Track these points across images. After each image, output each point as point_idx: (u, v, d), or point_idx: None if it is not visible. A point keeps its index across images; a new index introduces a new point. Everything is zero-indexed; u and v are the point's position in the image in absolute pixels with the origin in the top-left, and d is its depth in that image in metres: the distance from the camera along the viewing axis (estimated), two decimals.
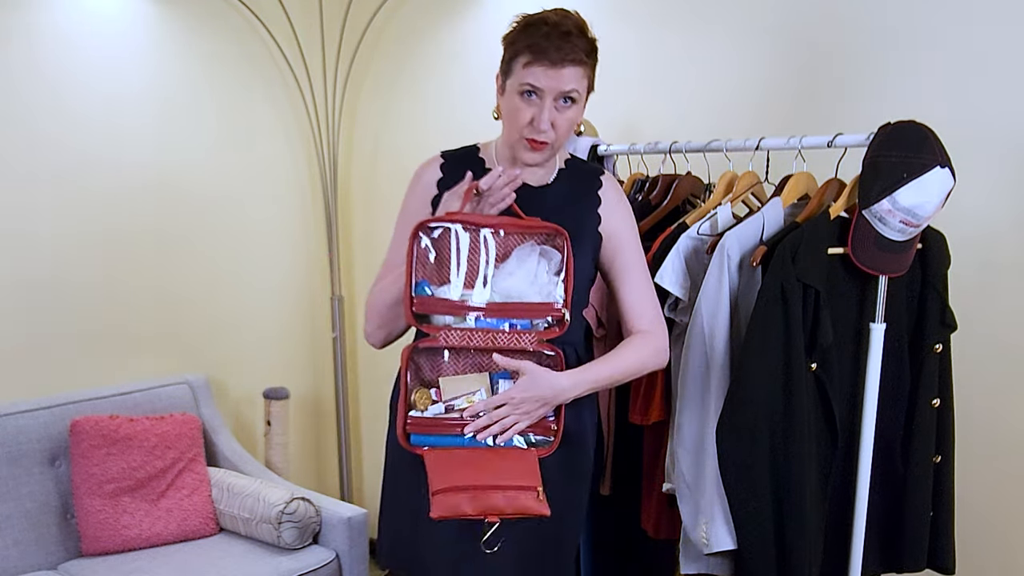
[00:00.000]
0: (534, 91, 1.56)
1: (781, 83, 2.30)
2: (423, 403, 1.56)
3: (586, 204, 1.70)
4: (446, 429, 1.54)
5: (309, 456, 3.57)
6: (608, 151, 2.27)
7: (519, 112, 1.58)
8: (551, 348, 1.55)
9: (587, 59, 1.58)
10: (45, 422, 2.61)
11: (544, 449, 1.56)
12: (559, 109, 1.58)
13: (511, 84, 1.59)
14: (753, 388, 1.74)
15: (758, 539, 1.76)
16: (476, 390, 1.54)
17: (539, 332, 1.55)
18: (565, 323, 1.55)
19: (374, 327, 1.69)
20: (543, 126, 1.56)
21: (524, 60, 1.55)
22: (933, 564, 1.92)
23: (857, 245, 1.73)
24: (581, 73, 1.57)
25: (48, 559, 2.54)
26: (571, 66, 1.55)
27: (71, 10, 2.78)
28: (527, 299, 1.54)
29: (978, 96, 1.99)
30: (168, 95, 3.03)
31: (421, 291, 1.55)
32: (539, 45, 1.53)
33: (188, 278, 3.13)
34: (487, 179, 1.56)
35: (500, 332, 1.54)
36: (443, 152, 1.74)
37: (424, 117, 3.24)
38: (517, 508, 1.50)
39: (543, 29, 1.54)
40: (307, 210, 3.46)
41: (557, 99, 1.57)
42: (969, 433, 2.02)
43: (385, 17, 3.30)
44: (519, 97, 1.57)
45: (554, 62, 1.53)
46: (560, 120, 1.58)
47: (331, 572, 2.62)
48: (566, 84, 1.55)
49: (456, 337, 1.54)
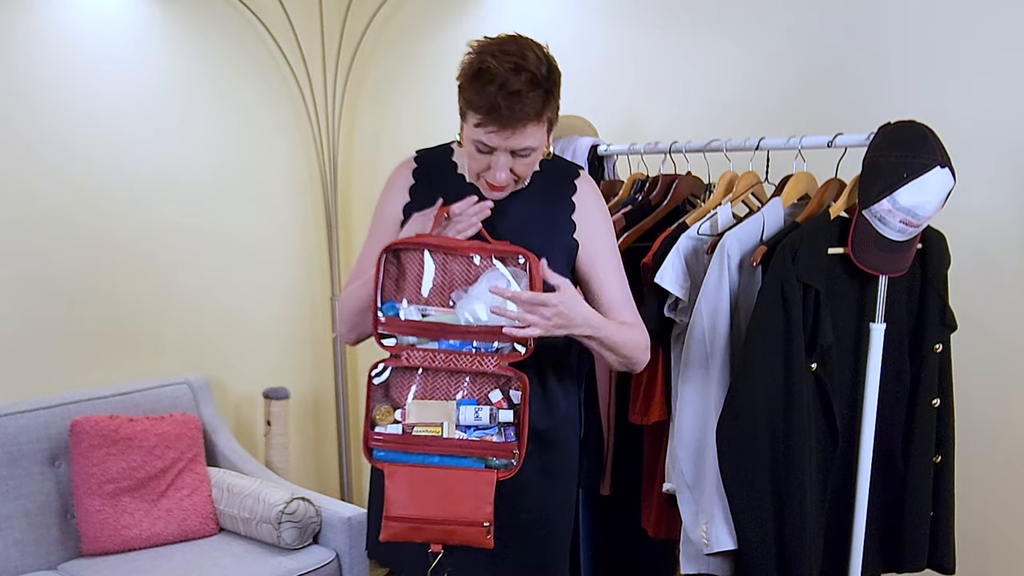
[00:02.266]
0: (488, 148, 1.54)
1: (781, 83, 2.30)
2: (384, 420, 1.57)
3: (560, 211, 1.68)
4: (409, 447, 1.55)
5: (309, 456, 3.57)
6: (608, 151, 2.27)
7: (474, 160, 1.57)
8: (513, 372, 1.55)
9: (542, 111, 1.52)
10: (45, 422, 2.61)
11: (506, 471, 1.55)
12: (516, 158, 1.55)
13: (466, 131, 1.56)
14: (753, 388, 1.74)
15: (758, 539, 1.76)
16: (440, 422, 1.56)
17: (502, 356, 1.55)
18: (530, 348, 1.54)
19: (346, 329, 1.72)
20: (500, 178, 1.55)
21: (474, 120, 1.51)
22: (933, 564, 1.92)
23: (857, 245, 1.73)
24: (535, 128, 1.52)
25: (48, 559, 2.54)
26: (522, 127, 1.50)
27: (71, 10, 2.79)
28: (493, 322, 1.53)
29: (978, 96, 1.99)
30: (168, 95, 3.03)
31: (388, 311, 1.56)
32: (488, 107, 1.47)
33: (188, 278, 3.13)
34: (458, 206, 1.57)
35: (463, 354, 1.55)
36: (417, 151, 1.75)
37: (424, 117, 3.24)
38: (461, 541, 1.54)
39: (490, 89, 1.46)
40: (307, 210, 3.46)
41: (513, 153, 1.54)
42: (969, 433, 2.02)
43: (385, 17, 3.30)
44: (473, 146, 1.55)
45: (504, 126, 1.49)
46: (519, 166, 1.57)
47: (331, 572, 2.62)
48: (519, 143, 1.52)
49: (419, 358, 1.55)
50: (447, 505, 1.53)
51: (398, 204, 1.70)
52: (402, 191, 1.71)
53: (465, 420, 1.56)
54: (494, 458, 1.55)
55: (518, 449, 1.55)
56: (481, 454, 1.54)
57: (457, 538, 1.54)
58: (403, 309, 1.57)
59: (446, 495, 1.53)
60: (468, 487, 1.54)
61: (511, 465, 1.55)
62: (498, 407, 1.56)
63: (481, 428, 1.56)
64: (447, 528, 1.53)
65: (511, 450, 1.55)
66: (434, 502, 1.53)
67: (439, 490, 1.54)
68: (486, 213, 1.58)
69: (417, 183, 1.70)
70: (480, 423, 1.55)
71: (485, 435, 1.56)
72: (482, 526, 1.53)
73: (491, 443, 1.55)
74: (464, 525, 1.53)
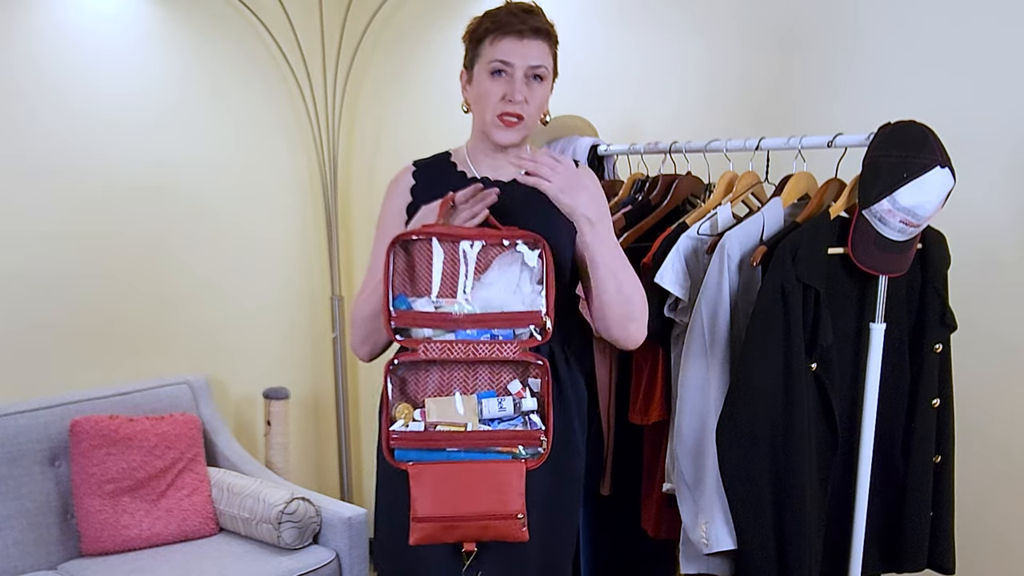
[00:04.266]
0: (503, 67, 1.59)
1: (781, 83, 2.30)
2: (405, 418, 1.54)
3: None
4: (431, 443, 1.52)
5: (309, 456, 3.57)
6: (608, 151, 2.27)
7: (490, 91, 1.60)
8: (536, 356, 1.54)
9: (551, 35, 1.62)
10: (45, 422, 2.61)
11: (534, 460, 1.53)
12: (530, 86, 1.60)
13: (479, 68, 1.62)
14: (753, 388, 1.74)
15: (758, 539, 1.76)
16: (465, 423, 1.52)
17: (521, 341, 1.53)
18: (548, 332, 1.53)
19: (359, 341, 1.71)
20: (517, 96, 1.58)
21: (491, 37, 1.59)
22: (933, 564, 1.92)
23: (857, 245, 1.73)
24: (546, 50, 1.61)
25: (48, 559, 2.54)
26: (537, 38, 1.58)
27: (71, 10, 2.78)
28: (509, 308, 1.52)
29: (978, 96, 1.99)
30: (168, 95, 3.03)
31: (399, 305, 1.54)
32: (504, 19, 1.58)
33: (188, 278, 3.13)
34: (463, 193, 1.57)
35: (481, 343, 1.52)
36: (414, 161, 1.76)
37: (424, 117, 3.24)
38: (495, 536, 1.52)
39: (501, 11, 1.60)
40: (307, 210, 3.46)
41: (528, 75, 1.59)
42: (969, 433, 2.02)
43: (385, 17, 3.30)
44: (489, 77, 1.60)
45: (521, 33, 1.57)
46: (532, 96, 1.60)
47: (331, 572, 2.62)
48: (534, 58, 1.58)
49: (436, 350, 1.52)
50: (478, 500, 1.50)
51: (400, 205, 1.70)
52: (403, 193, 1.71)
53: (489, 413, 1.53)
54: (521, 447, 1.53)
55: (545, 436, 1.53)
56: (508, 444, 1.52)
57: (491, 533, 1.51)
58: (416, 302, 1.54)
59: (476, 489, 1.50)
60: (499, 479, 1.51)
61: (539, 454, 1.53)
62: (518, 396, 1.54)
63: (506, 420, 1.53)
64: (481, 524, 1.50)
65: (538, 437, 1.53)
66: (465, 498, 1.50)
67: (468, 485, 1.50)
68: (493, 199, 1.58)
69: (417, 183, 1.71)
70: (504, 414, 1.53)
71: (510, 426, 1.53)
72: (516, 518, 1.50)
73: (518, 432, 1.52)
74: (499, 519, 1.50)
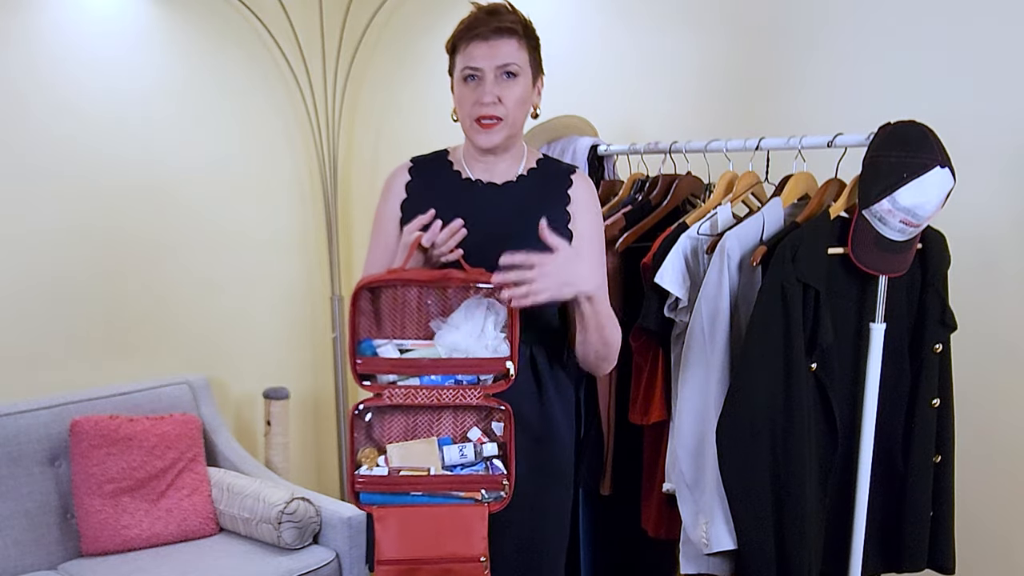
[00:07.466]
0: (473, 72, 1.59)
1: (781, 83, 2.30)
2: (370, 462, 1.56)
3: (555, 201, 1.68)
4: (394, 487, 1.54)
5: (309, 456, 3.57)
6: (608, 151, 2.27)
7: (464, 98, 1.62)
8: (498, 402, 1.54)
9: (521, 32, 1.60)
10: (45, 422, 2.61)
11: (496, 504, 1.55)
12: (502, 85, 1.59)
13: (456, 76, 1.64)
14: (753, 388, 1.73)
15: (758, 539, 1.76)
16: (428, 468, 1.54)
17: (485, 387, 1.54)
18: (510, 378, 1.54)
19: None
20: (486, 99, 1.58)
21: (462, 45, 1.60)
22: (933, 564, 1.92)
23: (857, 245, 1.73)
24: (516, 45, 1.59)
25: (48, 559, 2.54)
26: (503, 37, 1.58)
27: (71, 10, 2.78)
28: (473, 354, 1.52)
29: (978, 96, 1.99)
30: (168, 95, 3.03)
31: (365, 350, 1.55)
32: (470, 25, 1.59)
33: (188, 278, 3.13)
34: (428, 235, 1.54)
35: (445, 388, 1.53)
36: (412, 158, 1.76)
37: (424, 117, 3.24)
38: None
39: (474, 13, 1.61)
40: (307, 210, 3.46)
41: (498, 75, 1.59)
42: (969, 433, 2.02)
43: (385, 16, 3.30)
44: (463, 84, 1.61)
45: (485, 36, 1.57)
46: (506, 94, 1.59)
47: (331, 572, 2.62)
48: (501, 58, 1.58)
49: (400, 395, 1.53)
50: (440, 544, 1.52)
51: (396, 202, 1.71)
52: (399, 190, 1.72)
53: (450, 460, 1.55)
54: (484, 491, 1.54)
55: (507, 480, 1.54)
56: (470, 488, 1.53)
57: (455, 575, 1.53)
58: (381, 347, 1.55)
59: (438, 533, 1.52)
60: (461, 523, 1.53)
61: (501, 497, 1.55)
62: (479, 443, 1.55)
63: (467, 465, 1.55)
64: (444, 567, 1.52)
65: (500, 481, 1.54)
66: (426, 542, 1.52)
67: (431, 529, 1.52)
68: (462, 234, 1.55)
69: (413, 179, 1.71)
70: (466, 460, 1.55)
71: (472, 471, 1.55)
72: (479, 561, 1.52)
73: (480, 476, 1.54)
74: (461, 562, 1.52)
